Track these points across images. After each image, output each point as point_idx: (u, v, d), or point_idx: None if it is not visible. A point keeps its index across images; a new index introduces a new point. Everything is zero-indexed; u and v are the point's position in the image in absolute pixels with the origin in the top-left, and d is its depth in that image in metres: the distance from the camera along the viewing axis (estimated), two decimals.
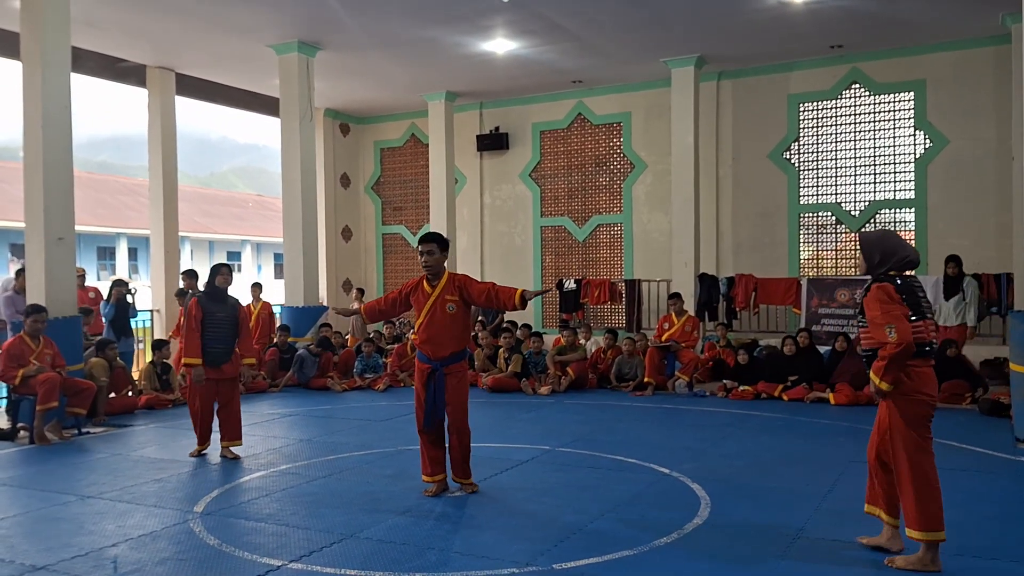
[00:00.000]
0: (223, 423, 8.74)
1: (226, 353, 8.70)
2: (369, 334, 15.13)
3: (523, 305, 6.90)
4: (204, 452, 8.78)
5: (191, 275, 13.12)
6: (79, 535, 6.01)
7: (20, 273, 11.39)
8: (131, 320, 13.25)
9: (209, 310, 8.63)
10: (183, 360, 8.75)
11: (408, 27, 13.08)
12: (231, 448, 8.71)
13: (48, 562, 5.43)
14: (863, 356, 5.38)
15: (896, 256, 5.21)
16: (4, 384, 10.26)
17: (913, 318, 5.08)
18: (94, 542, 5.83)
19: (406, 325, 15.47)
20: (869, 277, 5.34)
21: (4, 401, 11.52)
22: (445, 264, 7.13)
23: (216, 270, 8.86)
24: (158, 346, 12.53)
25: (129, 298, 13.04)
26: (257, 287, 15.14)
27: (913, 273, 5.37)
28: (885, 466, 5.35)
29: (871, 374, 5.13)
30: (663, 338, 13.27)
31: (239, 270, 44.12)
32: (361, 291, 18.06)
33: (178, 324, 14.30)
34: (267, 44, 13.92)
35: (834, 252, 15.40)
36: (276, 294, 18.03)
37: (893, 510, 5.38)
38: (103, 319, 12.90)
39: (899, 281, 5.15)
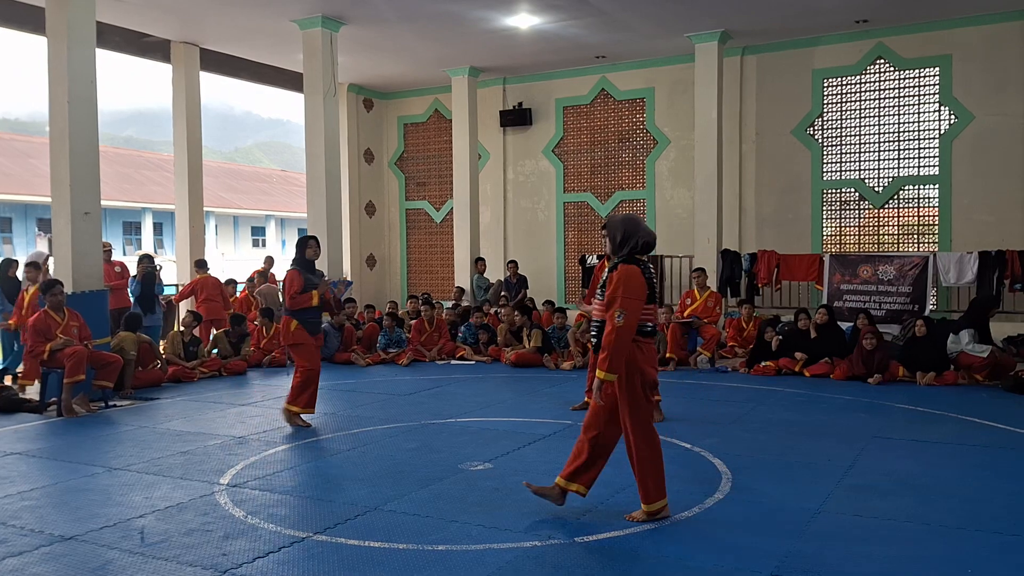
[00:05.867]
0: (307, 390, 8.90)
1: (320, 322, 9.01)
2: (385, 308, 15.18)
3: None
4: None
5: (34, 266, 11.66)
6: (107, 506, 6.10)
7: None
8: (158, 295, 13.37)
9: (309, 280, 8.76)
10: (292, 328, 8.80)
11: (432, 1, 13.04)
12: (302, 416, 8.91)
13: (77, 532, 5.51)
14: (593, 324, 5.72)
15: (635, 237, 5.54)
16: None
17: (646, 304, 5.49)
18: (122, 513, 5.92)
19: (414, 301, 15.45)
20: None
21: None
22: None
23: (305, 243, 8.91)
24: (197, 318, 12.72)
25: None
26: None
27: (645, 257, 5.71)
28: (595, 440, 5.70)
29: (598, 370, 5.43)
30: (685, 314, 13.26)
31: (263, 245, 44.33)
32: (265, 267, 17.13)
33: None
34: (291, 19, 13.91)
35: (857, 228, 15.31)
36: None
37: (575, 476, 5.76)
38: (130, 295, 13.02)
39: (640, 266, 5.52)
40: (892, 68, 14.76)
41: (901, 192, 14.83)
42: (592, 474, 5.74)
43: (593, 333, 5.68)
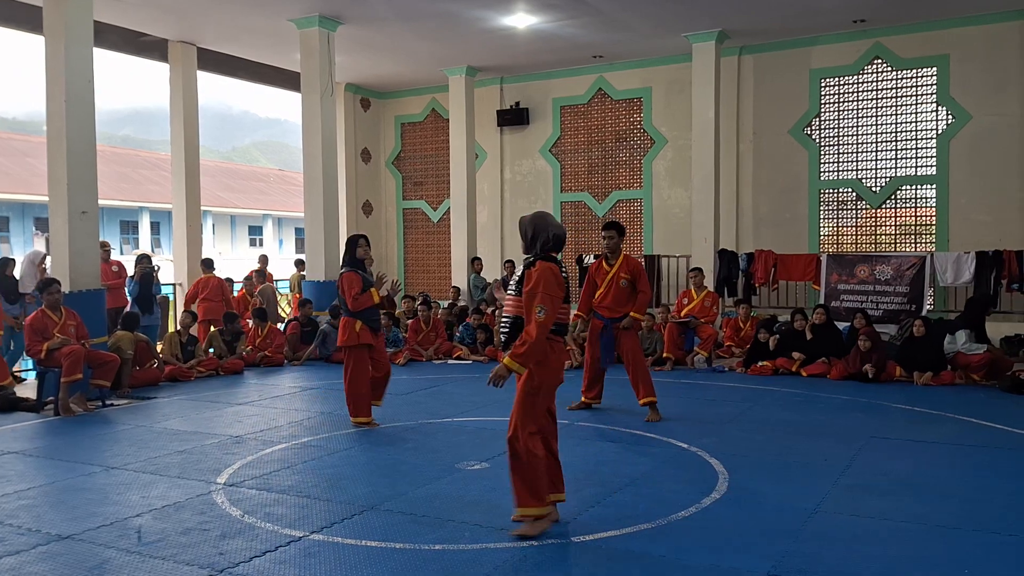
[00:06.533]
0: (379, 384, 8.94)
1: (381, 320, 9.12)
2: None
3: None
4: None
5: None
6: (104, 505, 6.09)
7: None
8: (155, 295, 13.38)
9: (366, 279, 8.76)
10: (358, 328, 8.71)
11: (429, 1, 13.03)
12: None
13: (73, 531, 5.51)
14: (503, 321, 5.58)
15: (546, 232, 5.53)
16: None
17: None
18: (119, 512, 5.91)
19: (410, 301, 15.42)
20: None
21: (32, 373, 11.66)
22: (621, 246, 9.09)
23: (355, 242, 8.83)
24: (194, 317, 12.76)
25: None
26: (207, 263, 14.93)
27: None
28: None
29: (507, 358, 5.35)
30: (682, 313, 13.26)
31: (260, 244, 44.28)
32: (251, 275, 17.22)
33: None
34: (288, 18, 13.90)
35: (854, 228, 15.31)
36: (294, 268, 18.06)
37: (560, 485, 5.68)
38: (127, 295, 13.01)
39: (557, 265, 5.51)
40: (889, 68, 14.76)
41: (898, 192, 14.83)
42: (555, 474, 5.64)
43: (504, 328, 5.54)
